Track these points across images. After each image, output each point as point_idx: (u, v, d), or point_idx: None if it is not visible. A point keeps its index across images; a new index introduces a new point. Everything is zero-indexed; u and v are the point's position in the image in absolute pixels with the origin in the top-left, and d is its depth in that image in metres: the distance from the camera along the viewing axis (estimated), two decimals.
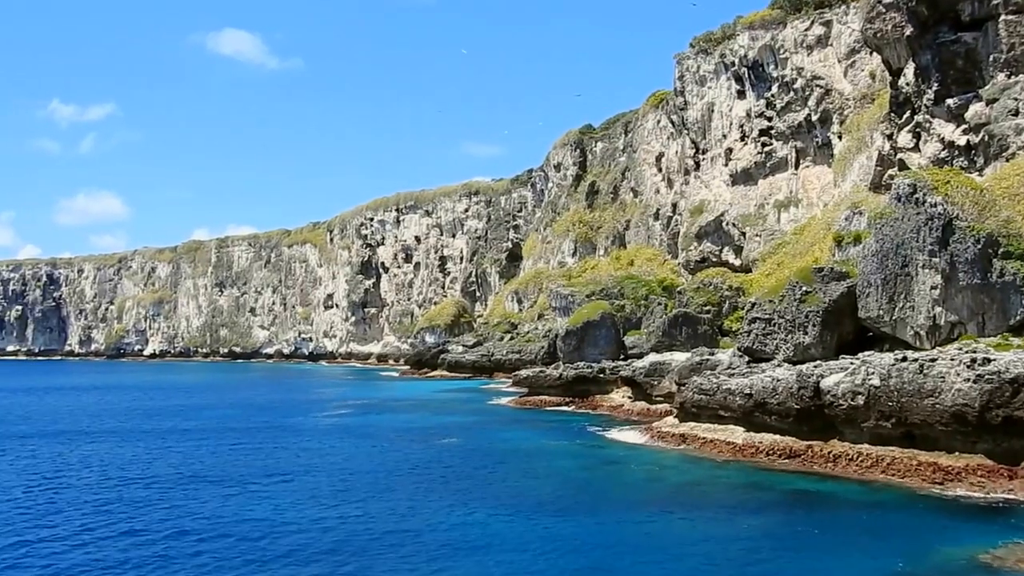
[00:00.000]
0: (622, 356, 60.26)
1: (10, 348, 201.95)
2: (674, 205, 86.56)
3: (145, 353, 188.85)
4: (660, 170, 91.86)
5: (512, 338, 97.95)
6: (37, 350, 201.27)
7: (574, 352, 60.91)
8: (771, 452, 32.25)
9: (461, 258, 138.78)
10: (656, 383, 49.21)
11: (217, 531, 22.26)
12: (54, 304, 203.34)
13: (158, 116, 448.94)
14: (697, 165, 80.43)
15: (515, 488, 28.40)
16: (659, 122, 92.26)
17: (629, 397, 53.40)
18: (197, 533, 22.08)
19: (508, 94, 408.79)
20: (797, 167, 67.25)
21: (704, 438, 35.46)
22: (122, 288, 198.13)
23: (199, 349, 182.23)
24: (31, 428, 47.79)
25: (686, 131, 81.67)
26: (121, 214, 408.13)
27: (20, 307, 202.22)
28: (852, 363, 31.31)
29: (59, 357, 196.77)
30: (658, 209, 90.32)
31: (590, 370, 58.19)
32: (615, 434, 41.56)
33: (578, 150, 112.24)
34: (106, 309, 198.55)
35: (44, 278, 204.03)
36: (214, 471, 32.01)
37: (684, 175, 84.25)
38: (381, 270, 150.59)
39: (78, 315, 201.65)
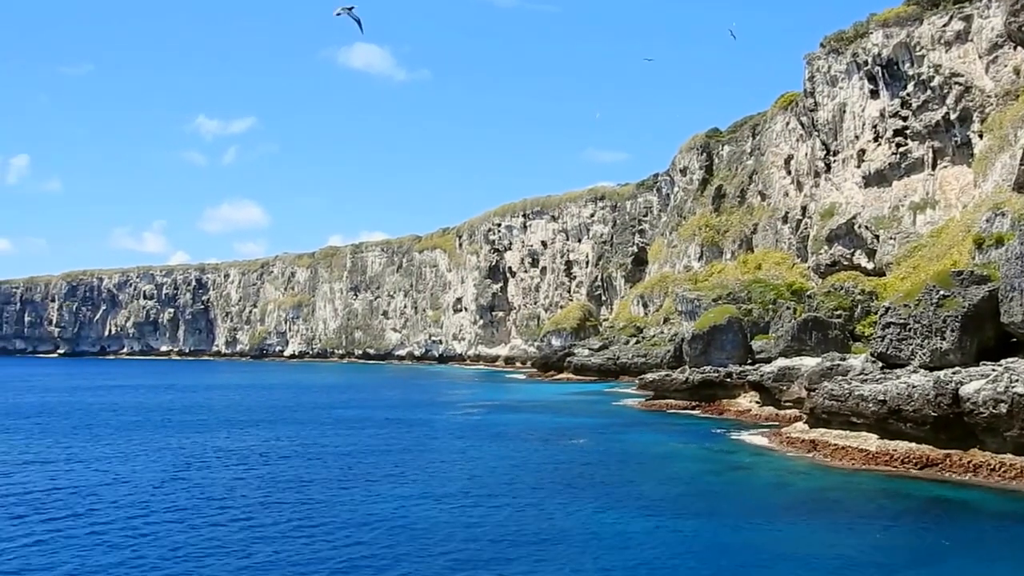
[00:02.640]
0: (749, 361, 59.74)
1: (163, 348, 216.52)
2: (803, 208, 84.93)
3: (285, 354, 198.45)
4: (789, 173, 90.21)
5: (638, 342, 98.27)
6: (187, 350, 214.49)
7: (700, 356, 60.79)
8: (906, 460, 31.55)
9: (587, 262, 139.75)
10: (785, 388, 48.70)
11: (344, 526, 23.11)
12: (203, 307, 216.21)
13: (295, 128, 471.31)
14: (828, 167, 78.66)
15: (643, 489, 28.98)
16: (788, 124, 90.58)
17: (757, 402, 53.00)
18: (325, 526, 23.09)
19: (631, 99, 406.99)
20: (934, 168, 64.95)
21: (835, 445, 35.00)
22: (264, 292, 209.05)
23: (335, 350, 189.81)
24: (209, 418, 52.20)
25: (816, 132, 79.99)
26: (262, 222, 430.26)
27: (172, 310, 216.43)
28: (994, 370, 30.48)
29: (207, 357, 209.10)
30: (787, 212, 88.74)
31: (716, 374, 57.95)
32: (743, 439, 41.55)
33: (704, 154, 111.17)
34: (250, 312, 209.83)
35: (193, 282, 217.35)
36: (348, 466, 33.96)
37: (814, 177, 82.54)
38: (508, 274, 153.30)
39: (224, 317, 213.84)
